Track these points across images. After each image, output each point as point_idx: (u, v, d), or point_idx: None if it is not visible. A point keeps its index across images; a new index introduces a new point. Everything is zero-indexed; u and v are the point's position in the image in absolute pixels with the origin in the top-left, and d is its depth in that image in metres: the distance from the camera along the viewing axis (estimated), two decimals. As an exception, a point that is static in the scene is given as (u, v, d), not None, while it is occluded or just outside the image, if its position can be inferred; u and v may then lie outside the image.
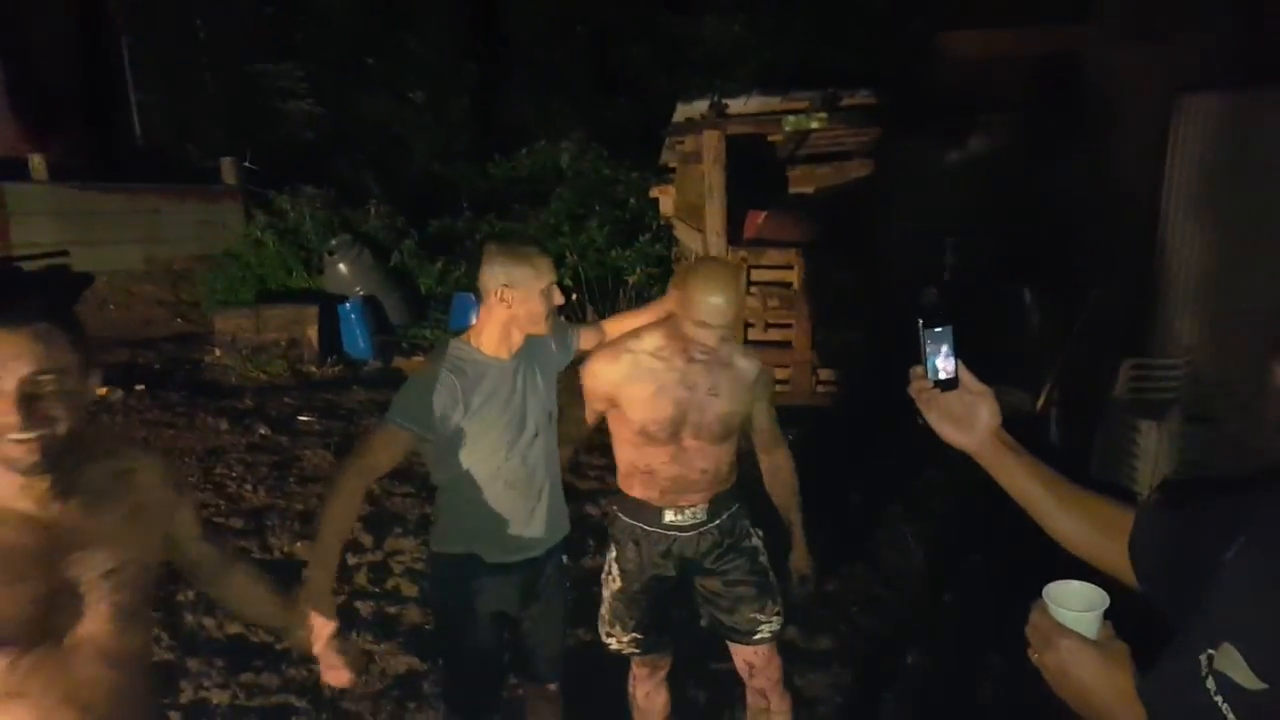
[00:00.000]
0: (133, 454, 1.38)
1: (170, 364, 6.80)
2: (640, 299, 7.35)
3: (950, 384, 1.21)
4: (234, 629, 3.34)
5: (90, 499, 1.26)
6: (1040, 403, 4.71)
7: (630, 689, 2.53)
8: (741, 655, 2.44)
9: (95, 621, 1.24)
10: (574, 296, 7.22)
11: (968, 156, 6.20)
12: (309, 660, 3.11)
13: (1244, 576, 0.90)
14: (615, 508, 2.43)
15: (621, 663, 2.53)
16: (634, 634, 2.39)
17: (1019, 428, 1.21)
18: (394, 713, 2.90)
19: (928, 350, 1.21)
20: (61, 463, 1.19)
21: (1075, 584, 1.01)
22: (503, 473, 2.08)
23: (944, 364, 1.21)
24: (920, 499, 4.39)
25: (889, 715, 2.98)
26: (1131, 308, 4.60)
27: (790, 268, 6.12)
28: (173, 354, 7.02)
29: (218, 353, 6.81)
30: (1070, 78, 5.58)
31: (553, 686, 2.36)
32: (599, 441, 2.53)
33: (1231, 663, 0.84)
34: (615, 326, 2.46)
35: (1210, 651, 0.86)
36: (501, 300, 2.03)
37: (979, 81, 6.21)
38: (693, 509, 2.33)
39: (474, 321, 2.15)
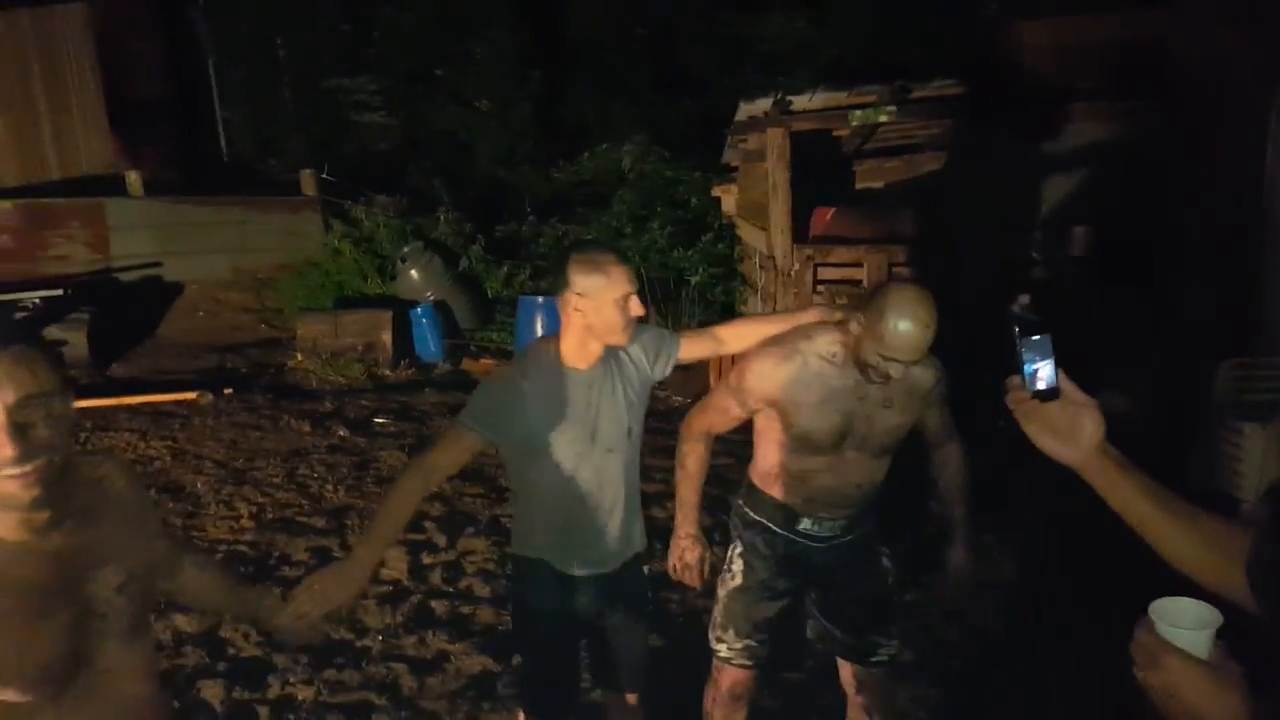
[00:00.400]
0: (96, 462, 1.33)
1: (256, 368, 7.10)
2: (703, 299, 7.35)
3: (1051, 394, 1.15)
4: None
5: (83, 517, 1.22)
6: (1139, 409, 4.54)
7: (707, 706, 2.41)
8: (853, 673, 2.36)
9: (120, 638, 1.23)
10: (638, 298, 7.26)
11: (1049, 149, 6.01)
12: (389, 659, 3.24)
13: None
14: (743, 503, 2.33)
15: (693, 677, 2.47)
16: (747, 640, 2.29)
17: (1118, 437, 1.17)
18: (470, 712, 2.98)
19: (1025, 359, 1.15)
20: (56, 491, 1.13)
21: (1185, 601, 0.96)
22: (572, 485, 2.06)
23: (1043, 373, 1.15)
24: (1006, 508, 4.29)
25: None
26: (1231, 307, 4.40)
27: (859, 265, 6.04)
28: (258, 358, 7.32)
29: (299, 357, 7.08)
30: (1157, 65, 5.36)
31: (632, 698, 2.32)
32: (662, 444, 2.51)
33: None
34: (733, 333, 2.32)
35: None
36: (576, 309, 2.00)
37: (1058, 70, 6.01)
38: (832, 522, 2.24)
39: (539, 326, 2.16)
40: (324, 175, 9.46)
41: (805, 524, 2.24)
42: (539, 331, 6.18)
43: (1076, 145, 5.84)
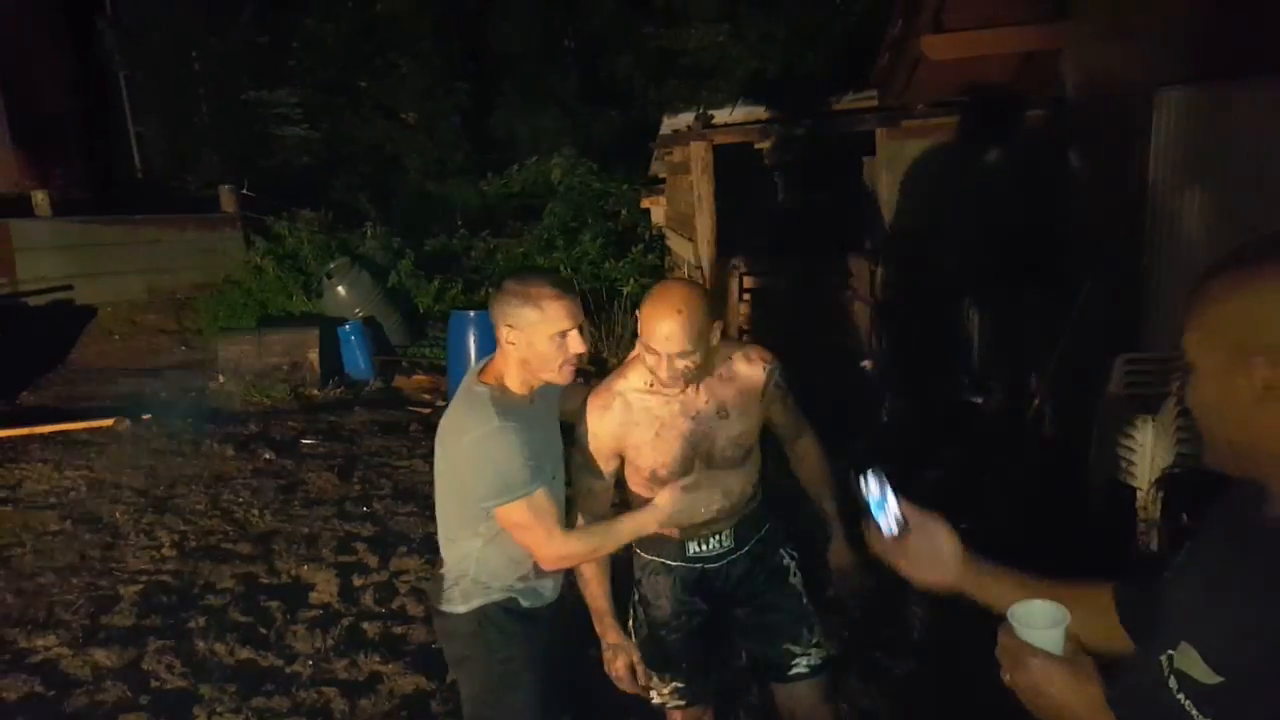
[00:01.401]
0: None
1: (176, 392, 6.89)
2: (635, 310, 7.43)
3: (905, 526, 1.19)
4: (244, 654, 3.41)
5: None
6: (1034, 405, 4.77)
7: None
8: (781, 696, 2.19)
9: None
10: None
11: (953, 156, 6.26)
12: (320, 683, 3.20)
13: (1194, 576, 0.95)
14: (636, 548, 2.17)
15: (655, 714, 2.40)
16: (675, 683, 2.18)
17: (1012, 429, 1.22)
18: (402, 731, 2.97)
19: (873, 505, 1.18)
20: None
21: (1038, 603, 1.03)
22: None
23: (892, 510, 1.19)
24: (931, 507, 4.44)
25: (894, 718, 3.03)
26: (1124, 304, 4.66)
27: (783, 274, 6.20)
28: (178, 382, 7.12)
29: (221, 379, 6.90)
30: (1053, 75, 5.64)
31: None
32: None
33: (1189, 661, 0.87)
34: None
35: (1170, 653, 0.90)
36: (509, 342, 1.89)
37: (964, 81, 6.28)
38: (717, 537, 2.12)
39: (471, 342, 2.09)
40: (244, 191, 9.26)
41: (691, 548, 2.12)
42: (471, 347, 6.15)
43: (979, 152, 6.10)
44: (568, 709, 2.19)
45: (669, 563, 2.15)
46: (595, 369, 7.10)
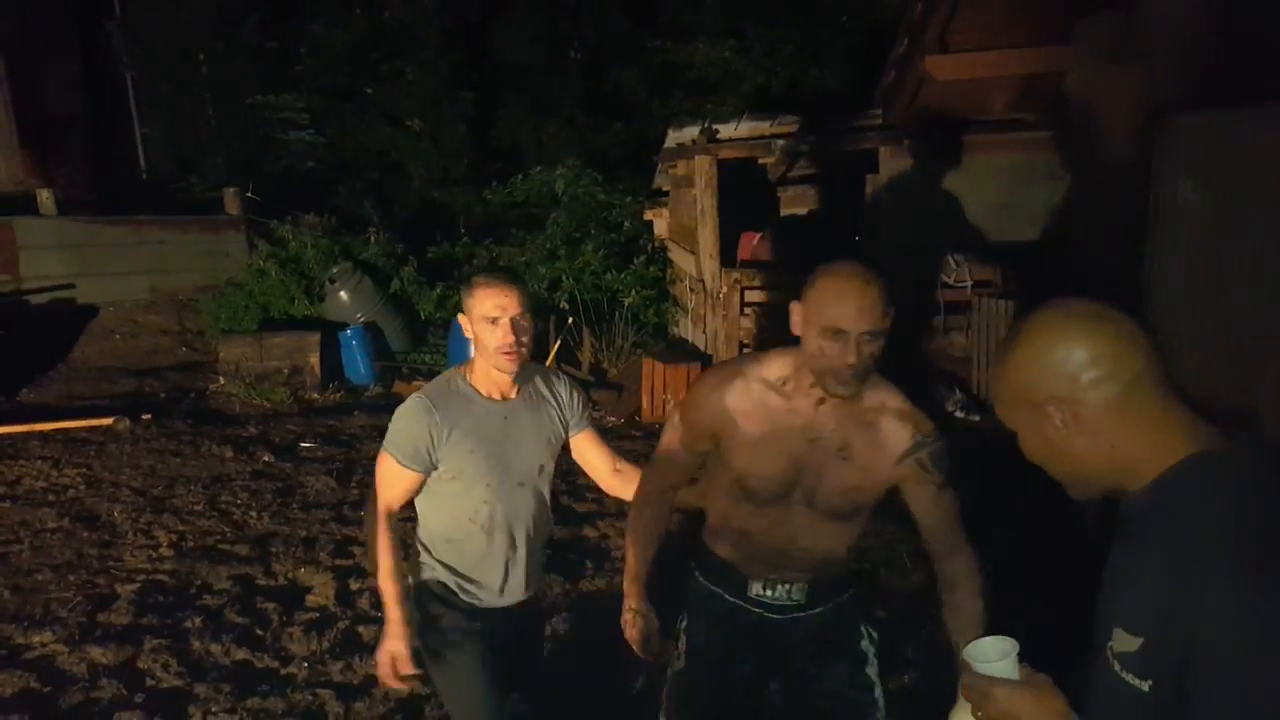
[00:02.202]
0: None
1: (176, 392, 6.90)
2: (635, 320, 7.45)
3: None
4: (240, 654, 3.41)
5: None
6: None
7: None
8: None
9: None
10: (570, 320, 7.32)
11: (957, 175, 6.31)
12: (315, 685, 3.20)
13: (1117, 567, 1.04)
14: (695, 568, 1.99)
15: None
16: None
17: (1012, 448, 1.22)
18: (397, 734, 2.97)
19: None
20: None
21: (986, 640, 1.12)
22: (480, 515, 2.03)
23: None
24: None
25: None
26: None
27: (785, 289, 6.23)
28: (178, 383, 7.12)
29: (222, 381, 6.92)
30: (1055, 97, 5.70)
31: None
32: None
33: (1121, 640, 0.97)
34: (610, 479, 2.21)
35: (1110, 642, 0.99)
36: (467, 329, 2.03)
37: (968, 101, 6.34)
38: (786, 585, 1.86)
39: (472, 349, 2.12)
40: (248, 194, 9.28)
41: (755, 588, 1.87)
42: (472, 353, 6.17)
43: (981, 173, 6.16)
44: (510, 698, 2.13)
45: (726, 596, 1.90)
46: (595, 379, 7.13)
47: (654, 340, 7.33)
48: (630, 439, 6.04)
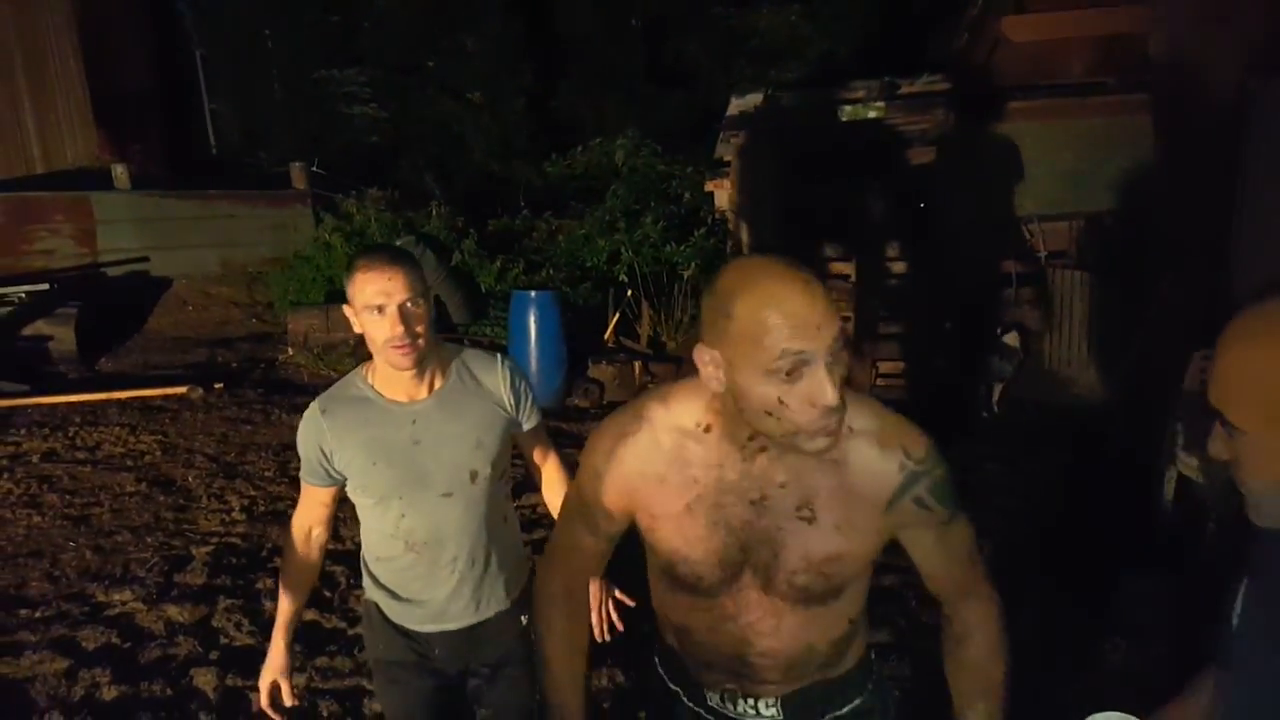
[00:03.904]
0: None
1: (247, 362, 7.09)
2: (695, 294, 7.38)
3: None
4: (309, 616, 3.49)
5: None
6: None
7: None
8: None
9: None
10: (629, 294, 7.29)
11: (1031, 143, 6.07)
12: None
13: (1255, 626, 0.94)
14: (656, 648, 1.51)
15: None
16: None
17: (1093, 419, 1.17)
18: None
19: None
20: None
21: (1113, 715, 1.08)
22: (402, 532, 1.77)
23: None
24: (981, 492, 4.35)
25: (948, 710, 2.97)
26: (1204, 298, 4.47)
27: (848, 259, 6.09)
28: (249, 353, 7.31)
29: (290, 351, 7.08)
30: (1139, 60, 5.42)
31: None
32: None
33: None
34: (547, 476, 1.93)
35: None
36: (355, 323, 1.72)
37: (1042, 64, 6.07)
38: (752, 702, 1.36)
39: (531, 321, 1.91)
40: (314, 168, 9.43)
41: (713, 699, 1.39)
42: (532, 326, 6.19)
43: (1058, 139, 5.90)
44: None
45: (684, 699, 1.44)
46: (654, 353, 7.10)
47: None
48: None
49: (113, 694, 3.04)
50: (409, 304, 1.64)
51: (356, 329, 1.71)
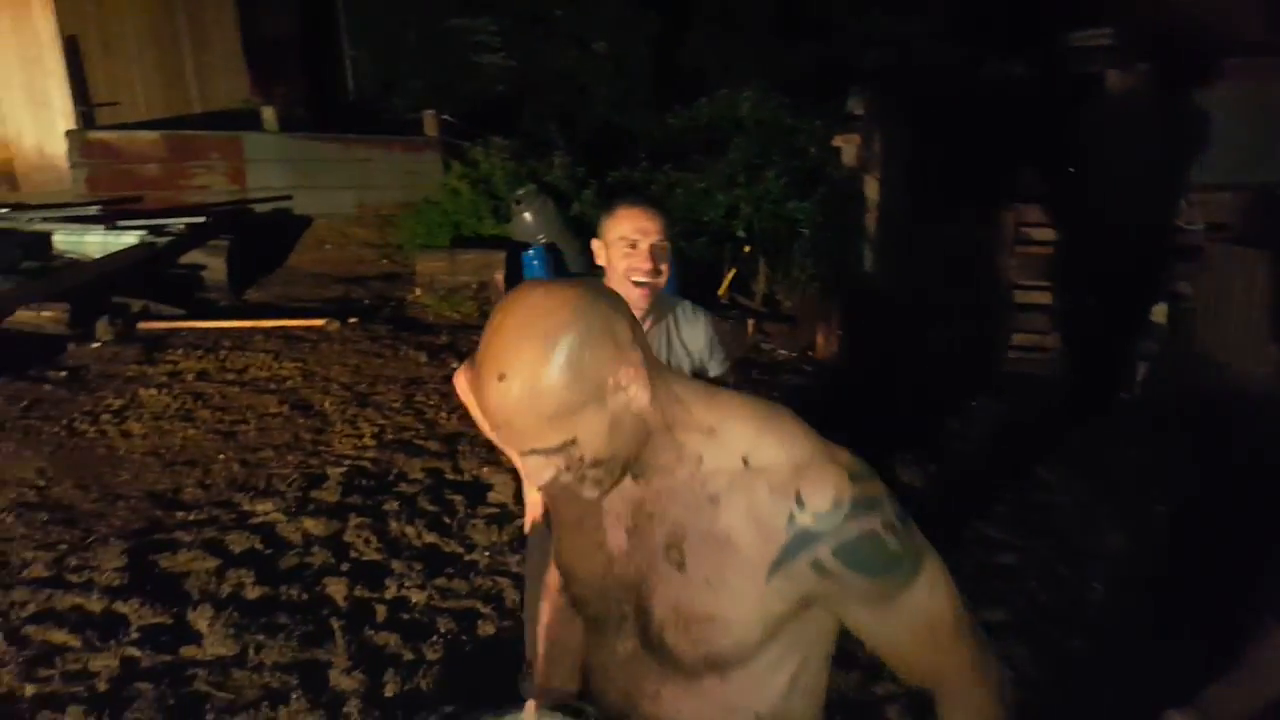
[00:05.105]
0: None
1: (378, 300, 7.44)
2: (815, 252, 7.23)
3: None
4: (430, 538, 3.70)
5: None
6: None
7: None
8: None
9: None
10: (747, 249, 7.21)
11: (1201, 105, 5.61)
12: (494, 573, 3.43)
13: None
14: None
15: None
16: None
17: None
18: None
19: None
20: None
21: None
22: None
23: None
24: (1121, 482, 4.15)
25: (1060, 692, 2.90)
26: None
27: (986, 222, 5.84)
28: (380, 291, 7.67)
29: (418, 292, 7.38)
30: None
31: None
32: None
33: None
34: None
35: None
36: (598, 258, 1.99)
37: (1217, 20, 5.58)
38: None
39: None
40: (445, 117, 9.69)
41: None
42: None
43: (1229, 103, 5.43)
44: None
45: None
46: (768, 311, 7.03)
47: (834, 273, 7.09)
48: (800, 374, 5.96)
49: (255, 594, 3.32)
50: (658, 245, 1.88)
51: (599, 261, 1.94)
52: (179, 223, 7.76)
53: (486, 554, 3.60)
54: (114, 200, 8.28)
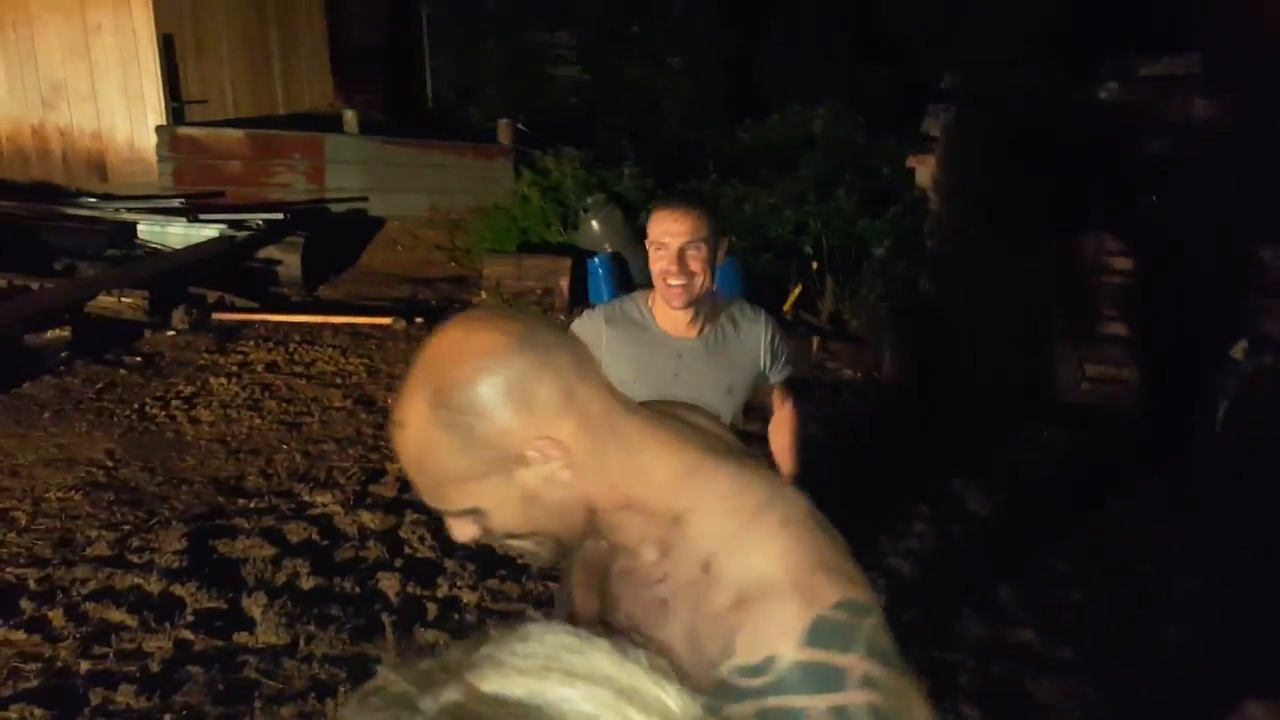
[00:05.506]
0: None
1: (445, 301, 7.55)
2: (884, 273, 7.10)
3: None
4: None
5: None
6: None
7: None
8: None
9: None
10: (815, 266, 7.11)
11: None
12: (546, 578, 3.40)
13: None
14: None
15: None
16: None
17: None
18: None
19: None
20: None
21: None
22: None
23: None
24: (1198, 524, 3.94)
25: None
26: None
27: (1066, 251, 5.65)
28: (447, 293, 7.79)
29: (484, 295, 7.47)
30: None
31: None
32: (825, 413, 2.33)
33: None
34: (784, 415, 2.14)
35: None
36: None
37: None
38: None
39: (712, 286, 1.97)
40: (519, 126, 9.83)
41: None
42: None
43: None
44: None
45: None
46: (834, 329, 6.91)
47: (903, 295, 6.95)
48: (863, 395, 5.83)
49: (310, 584, 3.36)
50: (689, 248, 1.82)
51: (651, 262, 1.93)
52: (258, 218, 8.00)
53: (538, 558, 3.58)
54: (198, 194, 8.59)
